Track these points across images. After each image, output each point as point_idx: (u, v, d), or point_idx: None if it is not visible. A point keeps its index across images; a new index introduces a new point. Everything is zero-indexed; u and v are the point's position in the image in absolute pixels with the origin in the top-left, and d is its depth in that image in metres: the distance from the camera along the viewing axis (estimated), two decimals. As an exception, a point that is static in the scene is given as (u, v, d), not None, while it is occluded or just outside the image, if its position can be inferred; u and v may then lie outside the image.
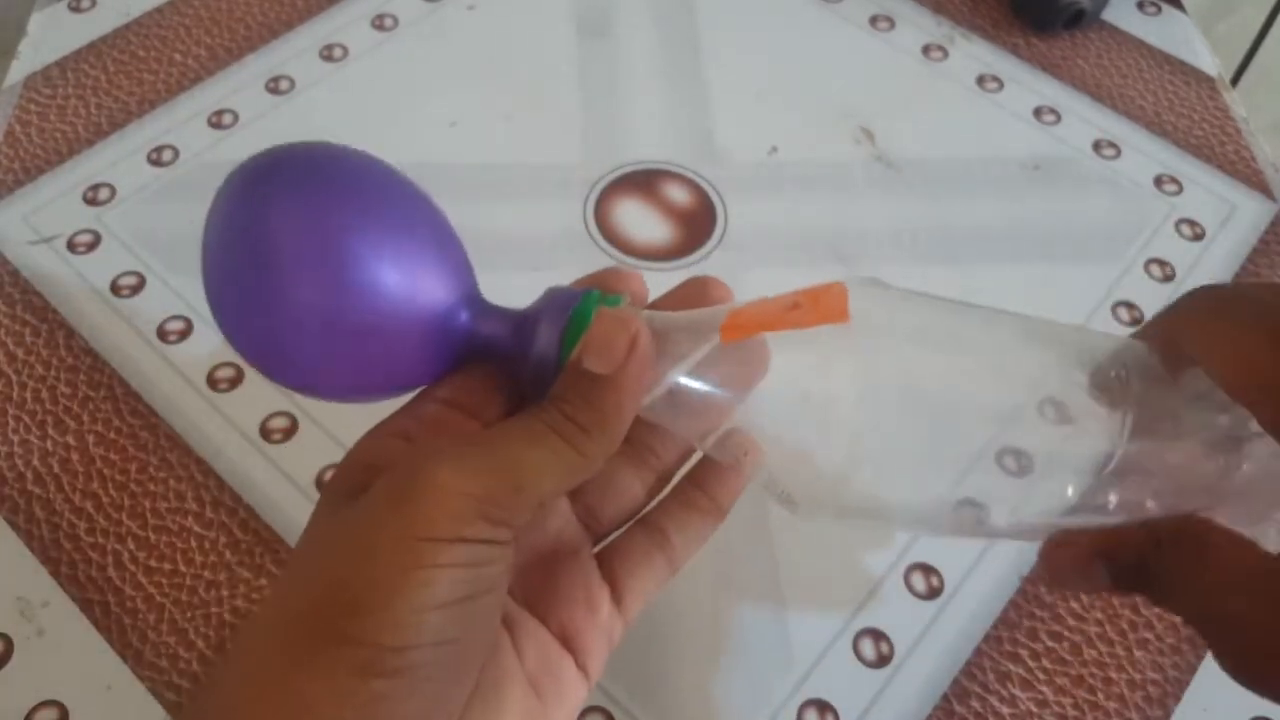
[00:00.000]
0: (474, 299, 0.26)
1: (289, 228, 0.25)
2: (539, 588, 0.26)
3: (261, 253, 0.25)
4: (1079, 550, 0.23)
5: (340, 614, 0.20)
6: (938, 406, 0.25)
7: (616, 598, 0.27)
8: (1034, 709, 0.36)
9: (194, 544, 0.38)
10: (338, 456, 0.39)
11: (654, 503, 0.29)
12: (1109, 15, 0.58)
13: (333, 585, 0.21)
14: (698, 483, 0.29)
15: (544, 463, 0.22)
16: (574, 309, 0.24)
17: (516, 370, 0.25)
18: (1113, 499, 0.23)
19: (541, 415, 0.23)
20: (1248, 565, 0.21)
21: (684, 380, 0.24)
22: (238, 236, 0.25)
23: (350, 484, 0.24)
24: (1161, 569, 0.22)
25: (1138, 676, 0.36)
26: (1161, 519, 0.23)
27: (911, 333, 0.25)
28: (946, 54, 0.56)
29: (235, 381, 0.42)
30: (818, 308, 0.23)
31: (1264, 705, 0.35)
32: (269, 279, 0.24)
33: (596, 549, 0.28)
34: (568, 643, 0.26)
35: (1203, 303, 0.24)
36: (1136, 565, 0.23)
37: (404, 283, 0.25)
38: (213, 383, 0.41)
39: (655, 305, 0.27)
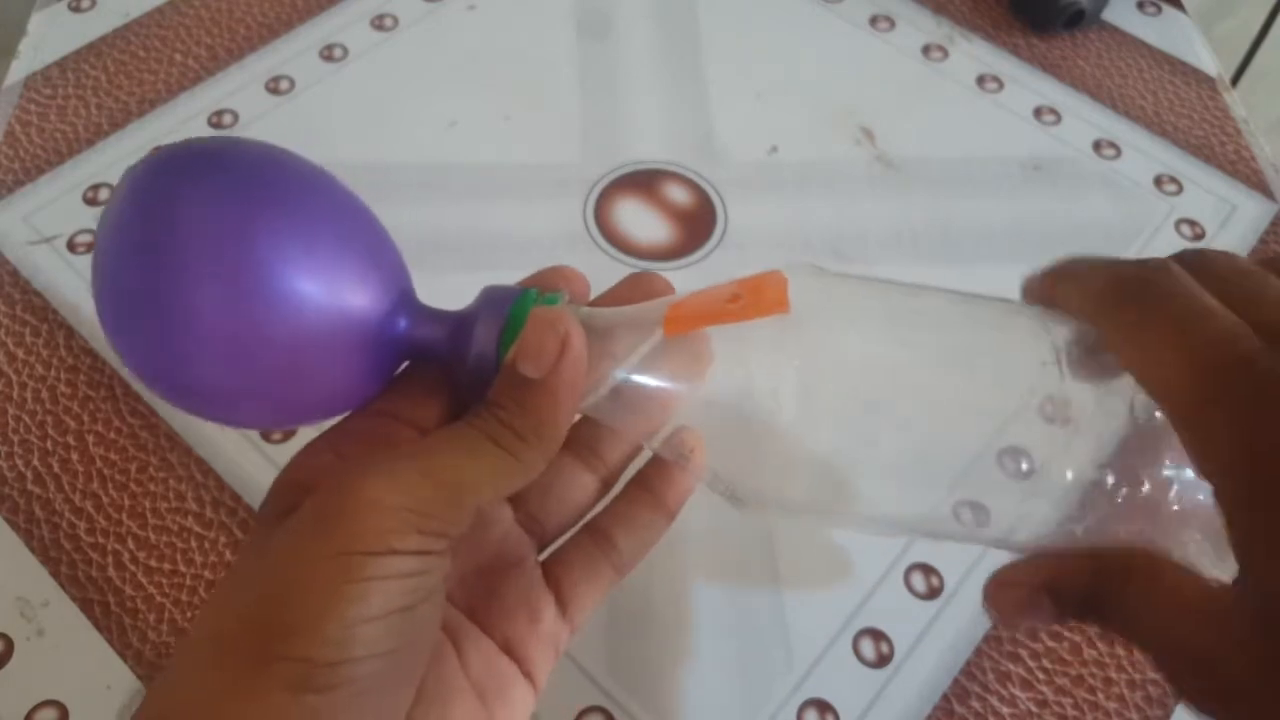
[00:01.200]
0: (409, 301, 0.25)
1: (192, 227, 0.22)
2: (481, 597, 0.26)
3: (158, 258, 0.22)
4: (1022, 588, 0.23)
5: (272, 633, 0.20)
6: (880, 400, 0.24)
7: (561, 605, 0.27)
8: (1034, 709, 0.36)
9: (194, 544, 0.38)
10: (338, 456, 0.39)
11: (600, 506, 0.28)
12: (1109, 15, 0.58)
13: (263, 604, 0.20)
14: (645, 485, 0.28)
15: (480, 471, 0.22)
16: (510, 308, 0.24)
17: (454, 374, 0.24)
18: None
19: (476, 422, 0.23)
20: (1195, 595, 0.20)
21: (627, 377, 0.24)
22: (131, 239, 0.23)
23: (281, 505, 0.23)
24: (1110, 600, 0.22)
25: (1138, 676, 0.36)
26: (1106, 550, 0.23)
27: (852, 320, 0.25)
28: (947, 54, 0.56)
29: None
30: (759, 300, 0.23)
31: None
32: (167, 289, 0.22)
33: (542, 556, 0.28)
34: (511, 652, 0.26)
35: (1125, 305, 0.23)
36: (1083, 596, 0.22)
37: (329, 288, 0.23)
38: (213, 383, 0.41)
39: (596, 303, 0.27)
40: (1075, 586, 0.22)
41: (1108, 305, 0.23)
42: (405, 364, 0.26)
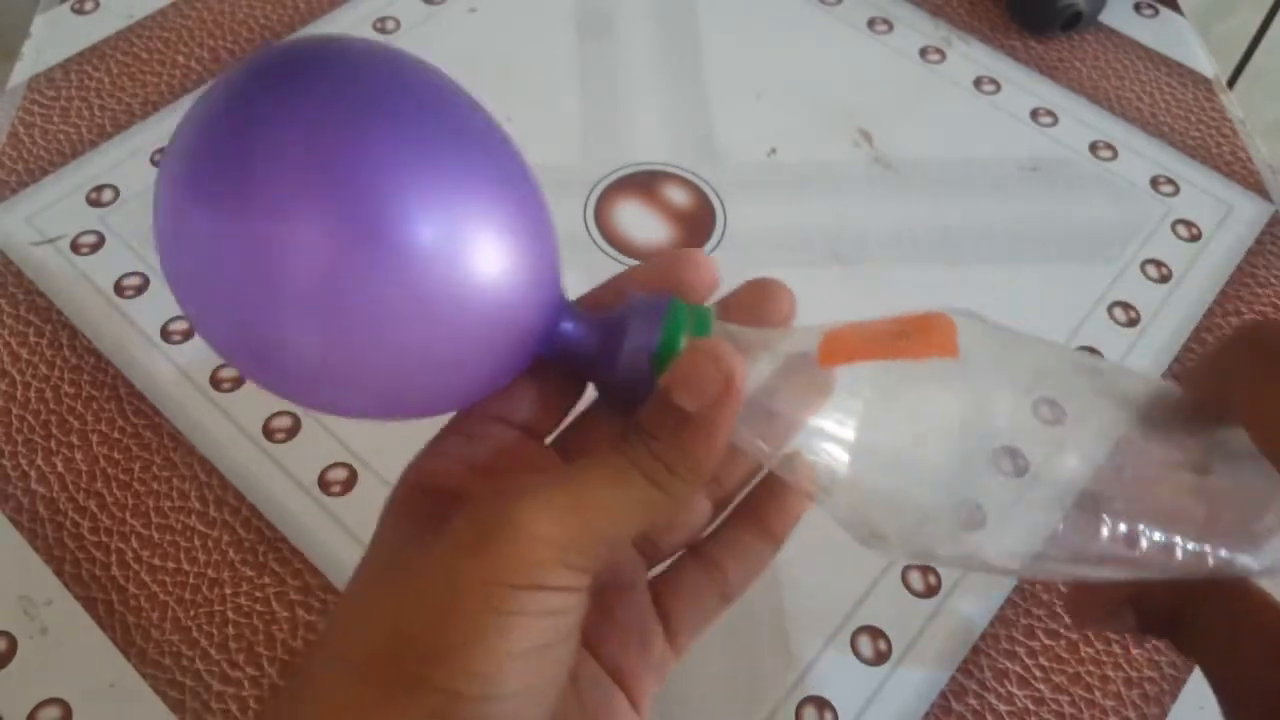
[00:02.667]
0: (561, 291, 0.23)
1: (309, 143, 0.18)
2: (594, 621, 0.25)
3: (254, 181, 0.18)
4: (1106, 596, 0.23)
5: (420, 658, 0.20)
6: (1027, 450, 0.23)
7: (669, 634, 0.26)
8: (1031, 706, 0.36)
9: (197, 543, 0.38)
10: (340, 456, 0.40)
11: (709, 529, 0.28)
12: (1106, 17, 0.59)
13: (413, 625, 0.20)
14: (754, 511, 0.27)
15: (629, 505, 0.21)
16: (663, 322, 0.23)
17: (599, 383, 0.23)
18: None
19: (627, 451, 0.22)
20: (1277, 623, 0.20)
21: (763, 401, 0.23)
22: (223, 152, 0.18)
23: (414, 509, 0.23)
24: (1191, 621, 0.21)
25: (1134, 674, 0.37)
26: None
27: (1010, 372, 0.24)
28: (944, 56, 0.56)
29: (238, 381, 0.42)
30: (927, 342, 0.22)
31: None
32: (264, 221, 0.18)
33: (650, 576, 0.27)
34: (619, 679, 0.25)
35: (1260, 363, 0.23)
36: (1165, 613, 0.22)
37: (495, 257, 0.20)
38: (216, 382, 0.42)
39: (724, 309, 0.26)
40: (1160, 601, 0.22)
41: (1235, 362, 0.22)
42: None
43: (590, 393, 0.26)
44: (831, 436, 0.23)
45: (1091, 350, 0.44)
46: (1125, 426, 0.23)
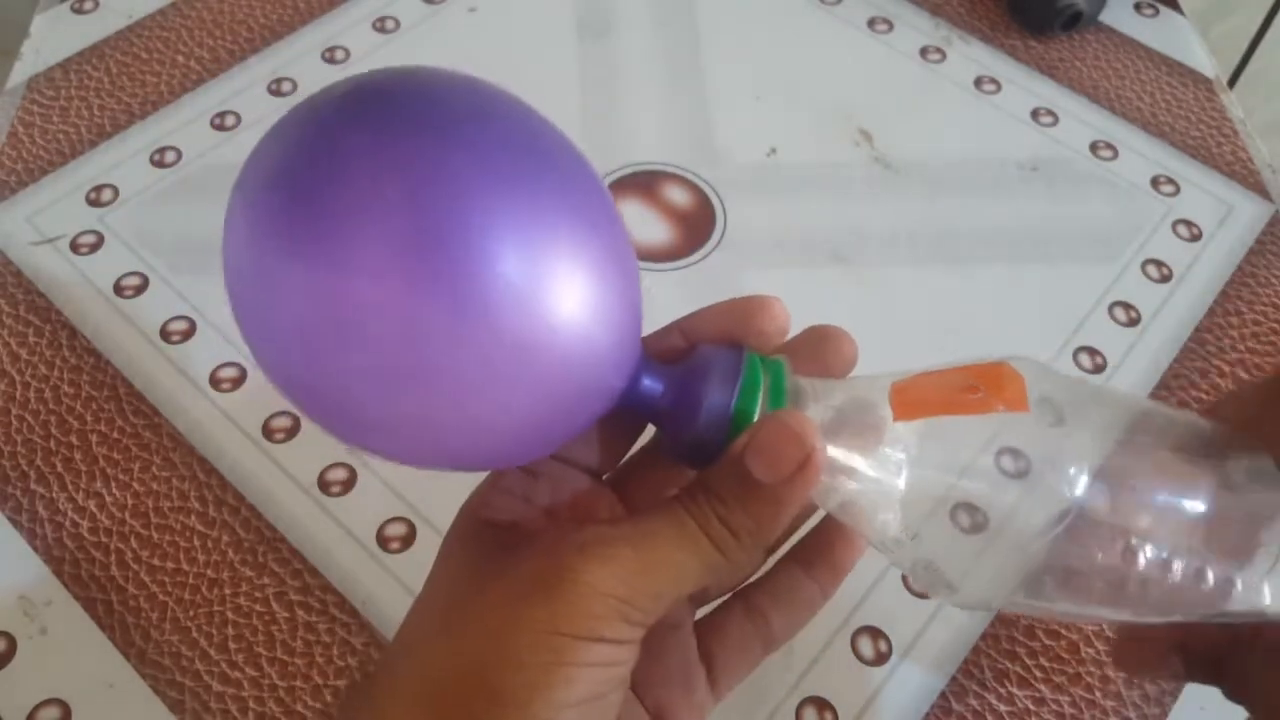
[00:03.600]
0: (642, 349, 0.23)
1: (407, 202, 0.17)
2: (640, 661, 0.25)
3: (348, 237, 0.17)
4: (1153, 643, 0.23)
5: (483, 700, 0.20)
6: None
7: (712, 679, 0.26)
8: (1031, 707, 0.36)
9: (197, 543, 0.38)
10: (340, 456, 0.40)
11: (757, 575, 0.28)
12: (1106, 17, 0.59)
13: (476, 665, 0.21)
14: (803, 561, 0.27)
15: (690, 566, 0.22)
16: (742, 381, 0.23)
17: (669, 436, 0.24)
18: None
19: (694, 510, 0.22)
20: None
21: (834, 454, 0.23)
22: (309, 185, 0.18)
23: (475, 540, 0.23)
24: (1239, 668, 0.21)
25: (1134, 674, 0.37)
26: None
27: (1080, 425, 0.24)
28: (944, 56, 0.56)
29: (238, 381, 0.42)
30: (999, 395, 0.22)
31: None
32: (338, 259, 0.17)
33: (696, 618, 0.27)
34: (660, 718, 0.25)
35: None
36: (1212, 659, 0.22)
37: (589, 322, 0.19)
38: (215, 383, 0.42)
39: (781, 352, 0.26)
40: (1206, 646, 0.22)
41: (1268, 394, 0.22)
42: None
43: (648, 431, 0.26)
44: (886, 483, 0.23)
45: (1091, 350, 0.44)
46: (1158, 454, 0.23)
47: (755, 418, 0.23)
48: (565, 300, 0.19)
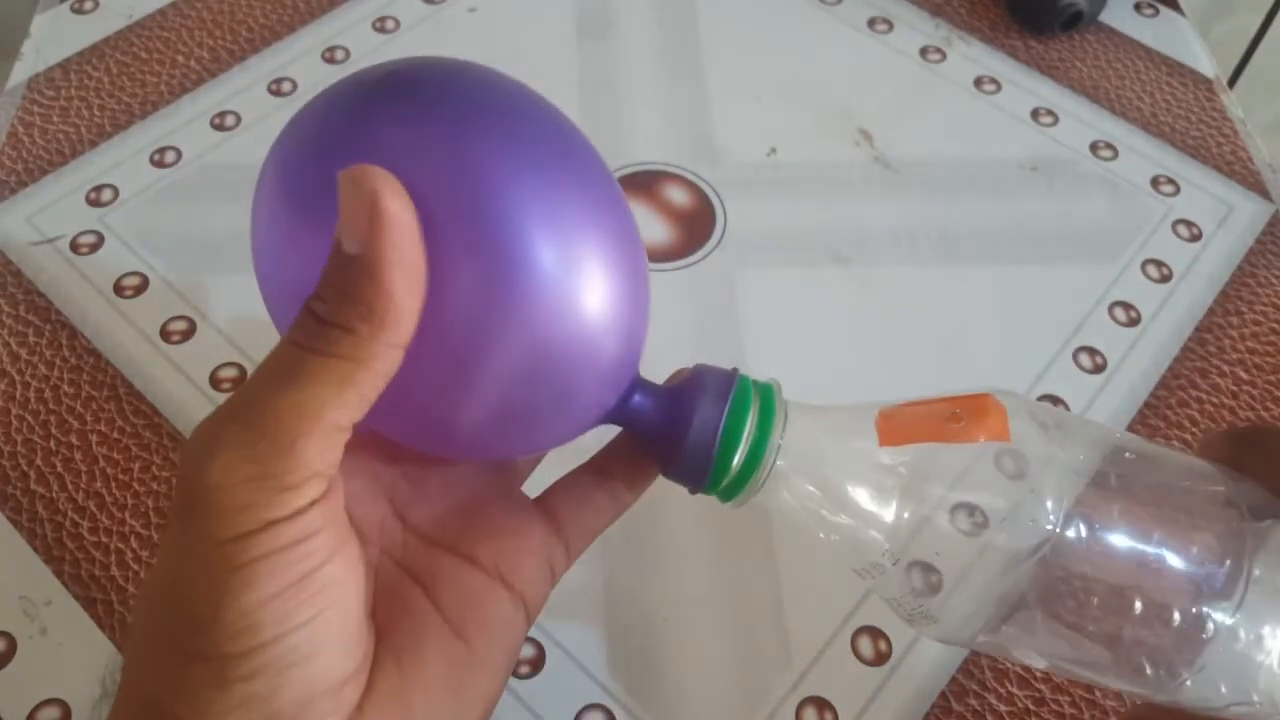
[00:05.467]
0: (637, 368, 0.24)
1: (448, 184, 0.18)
2: (460, 529, 0.25)
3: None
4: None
5: (185, 633, 0.20)
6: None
7: (555, 526, 0.26)
8: (1031, 707, 0.36)
9: (196, 543, 0.38)
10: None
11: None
12: (1106, 17, 0.59)
13: (172, 603, 0.20)
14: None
15: (313, 396, 0.19)
16: (731, 401, 0.23)
17: (660, 454, 0.24)
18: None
19: (293, 334, 0.20)
20: None
21: (819, 473, 0.24)
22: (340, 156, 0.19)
23: None
24: None
25: (1134, 674, 0.37)
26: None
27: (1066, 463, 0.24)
28: (944, 56, 0.56)
29: (238, 381, 0.42)
30: (982, 425, 0.23)
31: None
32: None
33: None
34: (500, 574, 0.25)
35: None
36: None
37: (606, 308, 0.20)
38: (215, 383, 0.42)
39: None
40: None
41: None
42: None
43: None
44: (872, 507, 0.24)
45: (1091, 351, 0.44)
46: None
47: (743, 438, 0.23)
48: (589, 299, 0.20)
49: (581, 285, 0.20)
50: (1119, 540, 0.23)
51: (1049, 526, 0.23)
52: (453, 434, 0.22)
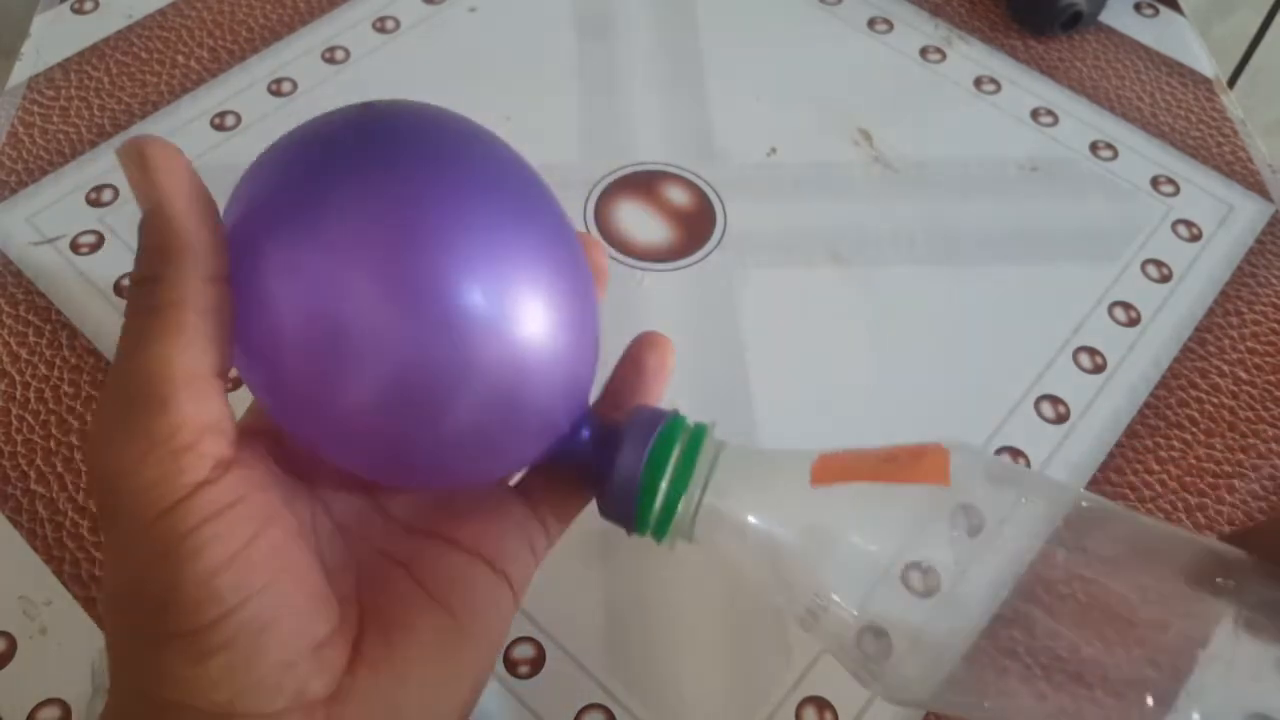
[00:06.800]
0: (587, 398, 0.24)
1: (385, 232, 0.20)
2: (440, 515, 0.26)
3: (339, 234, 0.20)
4: None
5: (150, 619, 0.20)
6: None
7: (533, 506, 0.27)
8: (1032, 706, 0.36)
9: (197, 543, 0.38)
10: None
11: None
12: (1106, 17, 0.59)
13: (130, 596, 0.20)
14: (610, 394, 0.28)
15: (156, 356, 0.20)
16: (659, 432, 0.24)
17: (594, 486, 0.25)
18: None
19: (126, 309, 0.21)
20: None
21: (755, 517, 0.24)
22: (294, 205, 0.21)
23: None
24: None
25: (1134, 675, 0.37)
26: None
27: (1026, 513, 0.24)
28: (944, 56, 0.56)
29: (238, 383, 0.42)
30: (917, 466, 0.23)
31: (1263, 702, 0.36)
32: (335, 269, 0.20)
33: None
34: (481, 553, 0.25)
35: None
36: None
37: (554, 338, 0.21)
38: (215, 383, 0.42)
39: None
40: None
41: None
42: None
43: None
44: (807, 549, 0.24)
45: (1091, 351, 0.44)
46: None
47: (661, 489, 0.24)
48: (526, 328, 0.21)
49: (515, 334, 0.21)
50: (1073, 611, 0.23)
51: (995, 591, 0.23)
52: (391, 471, 0.23)
